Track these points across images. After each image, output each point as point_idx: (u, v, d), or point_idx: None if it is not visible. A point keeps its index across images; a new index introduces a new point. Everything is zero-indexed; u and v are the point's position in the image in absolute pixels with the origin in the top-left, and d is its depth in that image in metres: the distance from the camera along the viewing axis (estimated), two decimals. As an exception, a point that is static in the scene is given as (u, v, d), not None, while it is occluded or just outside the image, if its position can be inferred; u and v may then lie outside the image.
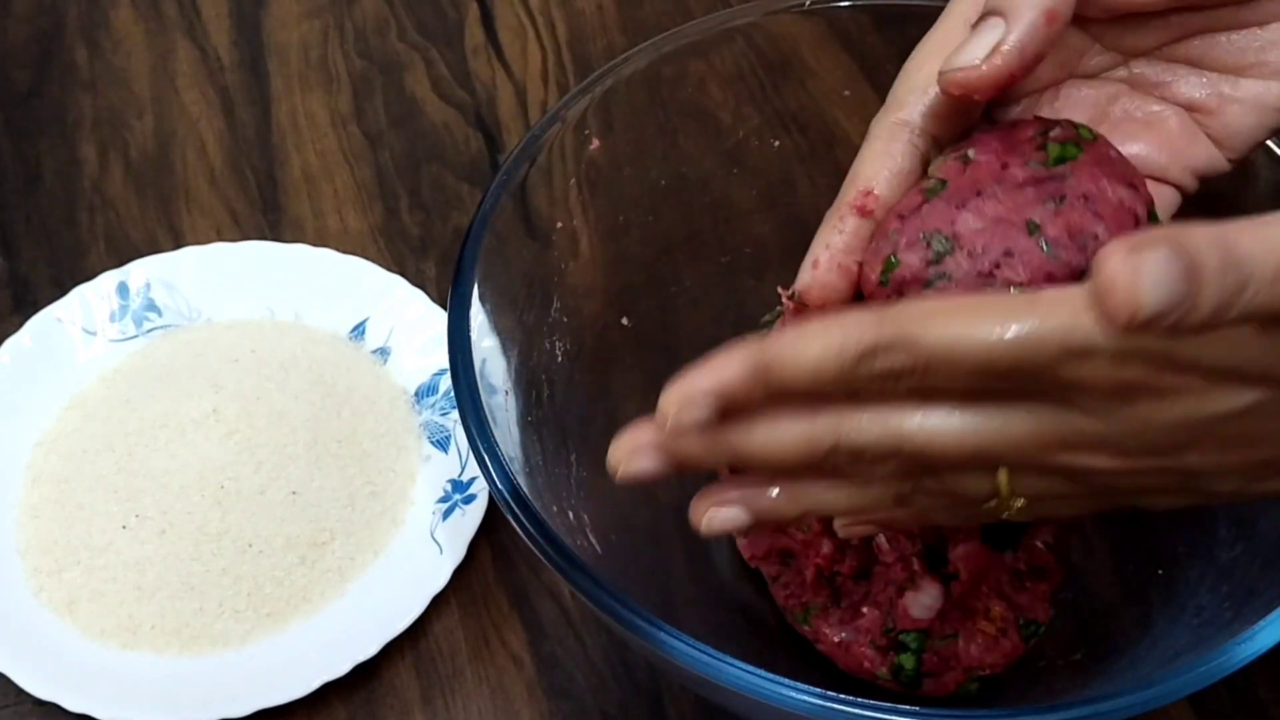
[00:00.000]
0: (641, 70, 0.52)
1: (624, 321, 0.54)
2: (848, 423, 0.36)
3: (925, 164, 0.42)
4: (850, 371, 0.35)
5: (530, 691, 0.54)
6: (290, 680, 0.53)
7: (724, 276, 0.57)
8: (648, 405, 0.55)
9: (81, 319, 0.63)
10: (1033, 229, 0.38)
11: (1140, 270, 0.30)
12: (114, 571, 0.55)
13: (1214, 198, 0.43)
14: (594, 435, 0.52)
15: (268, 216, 0.70)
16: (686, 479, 0.56)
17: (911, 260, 0.39)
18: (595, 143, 0.52)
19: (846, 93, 0.56)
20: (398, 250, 0.68)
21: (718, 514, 0.39)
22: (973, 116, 0.43)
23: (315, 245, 0.66)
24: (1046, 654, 0.51)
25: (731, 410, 0.37)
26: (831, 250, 0.41)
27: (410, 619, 0.54)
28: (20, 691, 0.53)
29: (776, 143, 0.55)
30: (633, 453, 0.38)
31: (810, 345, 0.35)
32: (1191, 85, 0.44)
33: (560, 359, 0.51)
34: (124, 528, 0.56)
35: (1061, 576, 0.52)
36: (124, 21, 0.78)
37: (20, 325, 0.62)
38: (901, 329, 0.35)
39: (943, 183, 0.40)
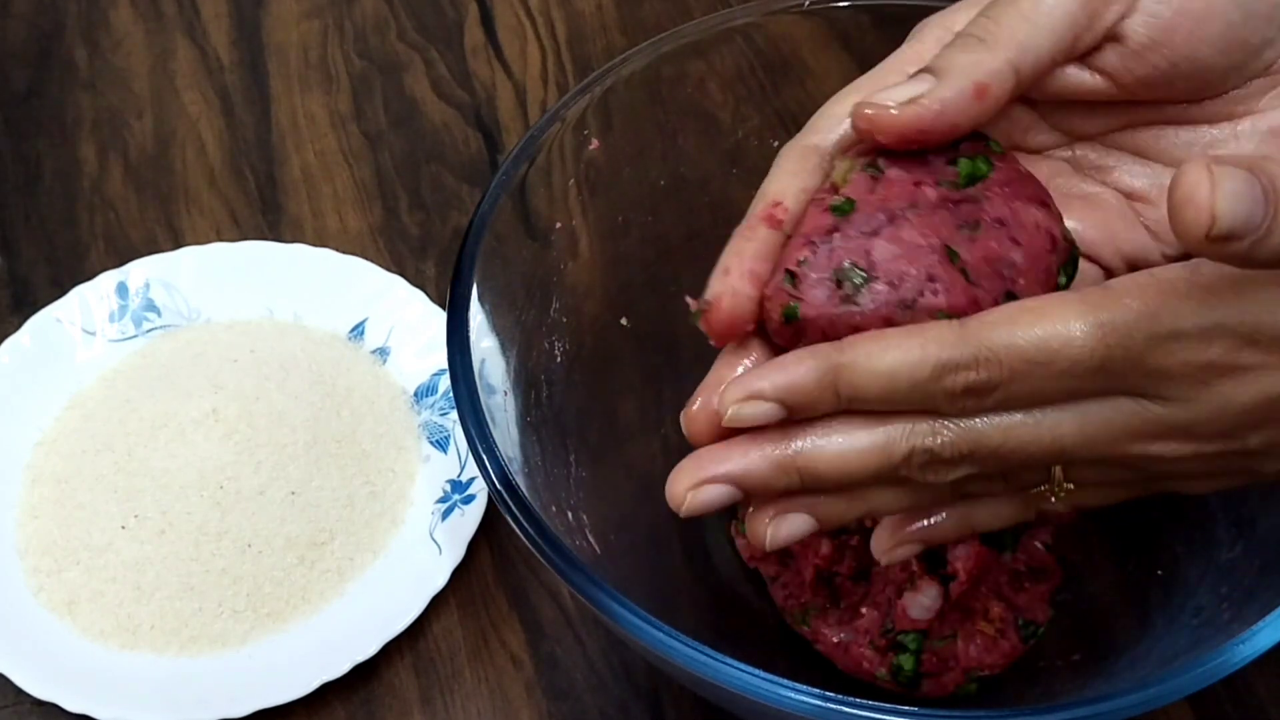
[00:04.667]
0: (641, 70, 0.52)
1: (623, 322, 0.54)
2: (923, 424, 0.36)
3: None
4: (927, 386, 0.35)
5: (529, 692, 0.54)
6: (289, 680, 0.53)
7: (724, 276, 0.57)
8: (647, 405, 0.55)
9: (81, 319, 0.63)
10: (953, 255, 0.37)
11: (1219, 184, 0.30)
12: (113, 571, 0.55)
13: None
14: (593, 435, 0.52)
15: (267, 216, 0.70)
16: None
17: (817, 297, 0.37)
18: (595, 143, 0.52)
19: (846, 93, 0.56)
20: (397, 250, 0.68)
21: (784, 522, 0.38)
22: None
23: (315, 245, 0.66)
24: (1045, 654, 0.51)
25: (793, 414, 0.36)
26: (742, 257, 0.39)
27: (409, 619, 0.54)
28: (20, 691, 0.53)
29: (776, 143, 0.55)
30: (696, 485, 0.37)
31: (885, 356, 0.35)
32: (1134, 174, 0.43)
33: (559, 359, 0.51)
34: (123, 528, 0.56)
35: (1060, 577, 0.52)
36: (124, 21, 0.78)
37: (20, 325, 0.62)
38: (983, 344, 0.35)
39: (850, 202, 0.38)
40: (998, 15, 0.39)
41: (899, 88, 0.38)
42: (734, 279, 0.38)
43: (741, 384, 0.36)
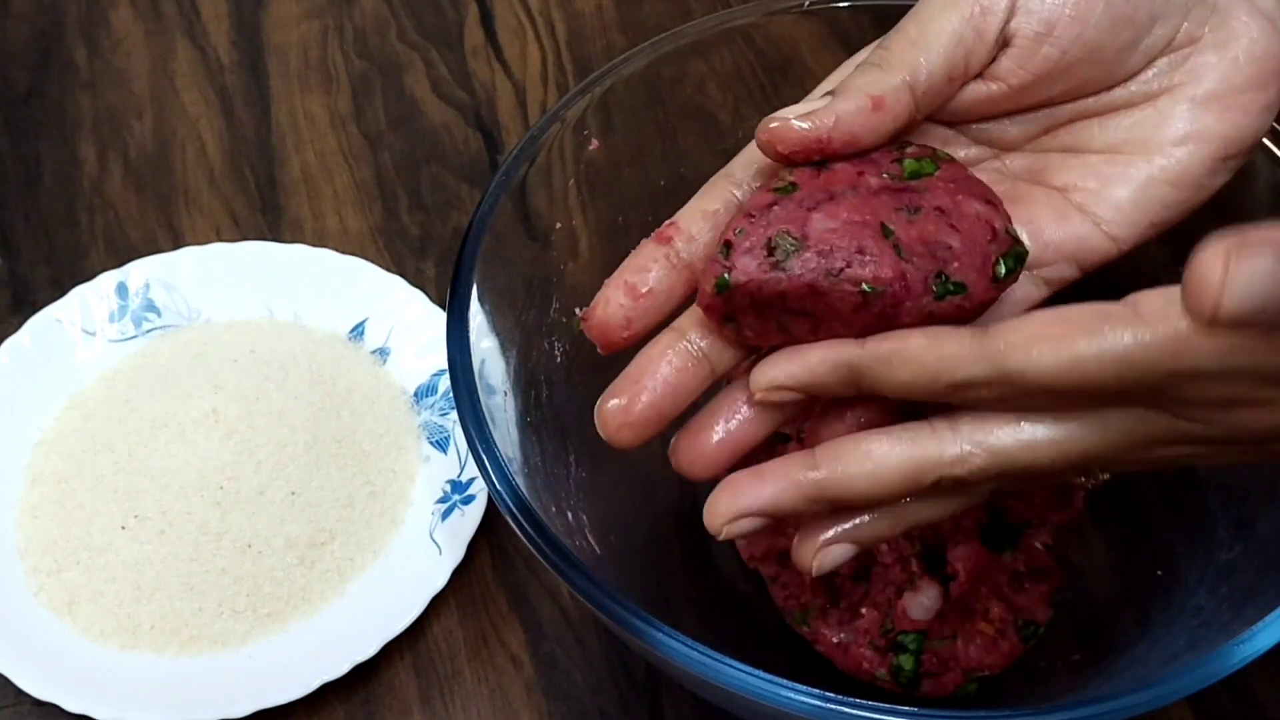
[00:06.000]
0: (641, 70, 0.52)
1: (623, 322, 0.54)
2: (949, 452, 0.37)
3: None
4: (942, 396, 0.37)
5: (529, 692, 0.54)
6: (289, 680, 0.53)
7: (723, 277, 0.57)
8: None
9: (81, 319, 0.63)
10: (887, 232, 0.38)
11: (1232, 275, 0.30)
12: (113, 572, 0.55)
13: (1214, 198, 0.43)
14: (593, 436, 0.52)
15: (267, 216, 0.70)
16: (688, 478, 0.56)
17: (746, 265, 0.38)
18: (594, 143, 0.52)
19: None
20: (397, 250, 0.68)
21: (829, 554, 0.39)
22: None
23: (315, 245, 0.66)
24: (1045, 655, 0.51)
25: (813, 396, 0.39)
26: (622, 270, 0.42)
27: (409, 619, 0.54)
28: (19, 692, 0.53)
29: (776, 143, 0.55)
30: (732, 520, 0.39)
31: (903, 369, 0.37)
32: (1069, 170, 0.43)
33: (559, 359, 0.51)
34: (123, 528, 0.56)
35: (1060, 577, 0.52)
36: (124, 21, 0.78)
37: (20, 325, 0.62)
38: (997, 365, 0.35)
39: (794, 185, 0.39)
40: (889, 44, 0.41)
41: (799, 104, 0.40)
42: (610, 289, 0.42)
43: (765, 373, 0.39)
